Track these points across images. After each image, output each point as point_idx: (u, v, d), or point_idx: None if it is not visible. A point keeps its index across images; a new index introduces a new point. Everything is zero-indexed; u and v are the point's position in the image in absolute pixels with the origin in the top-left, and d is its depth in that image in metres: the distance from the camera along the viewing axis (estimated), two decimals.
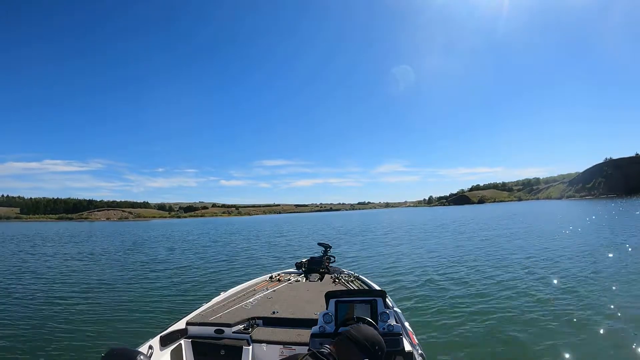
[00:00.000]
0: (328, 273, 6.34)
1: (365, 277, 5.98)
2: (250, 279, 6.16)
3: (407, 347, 3.12)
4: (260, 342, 3.74)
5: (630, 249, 14.92)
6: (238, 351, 3.71)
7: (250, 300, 4.75)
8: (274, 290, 5.27)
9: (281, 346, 3.66)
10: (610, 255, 13.80)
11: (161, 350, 3.66)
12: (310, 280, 6.07)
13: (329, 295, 3.30)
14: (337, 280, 5.78)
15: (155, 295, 10.55)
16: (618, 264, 12.23)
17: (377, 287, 4.87)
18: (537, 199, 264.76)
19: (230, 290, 5.25)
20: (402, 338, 3.06)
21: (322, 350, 2.01)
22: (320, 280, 6.02)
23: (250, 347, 3.73)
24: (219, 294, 5.05)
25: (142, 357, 2.15)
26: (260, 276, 6.36)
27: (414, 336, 3.53)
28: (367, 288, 5.18)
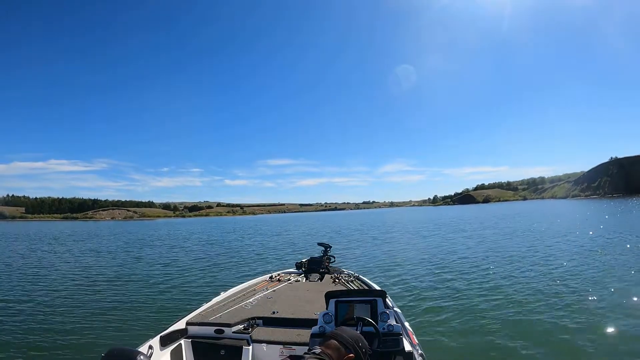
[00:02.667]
0: (328, 273, 6.34)
1: (365, 277, 5.98)
2: (250, 279, 6.17)
3: (407, 347, 3.11)
4: (260, 342, 3.74)
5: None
6: (238, 351, 3.71)
7: (250, 300, 4.75)
8: (274, 290, 5.27)
9: (281, 346, 3.65)
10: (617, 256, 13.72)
11: (161, 350, 3.66)
12: (310, 280, 6.07)
13: (329, 295, 3.32)
14: (337, 280, 5.77)
15: (155, 295, 10.57)
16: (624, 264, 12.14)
17: (377, 287, 4.87)
18: (542, 198, 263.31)
19: (230, 290, 5.25)
20: (402, 338, 3.06)
21: (315, 350, 2.05)
22: (320, 280, 6.03)
23: (250, 347, 3.73)
24: (219, 294, 5.05)
25: (142, 357, 2.15)
26: (260, 276, 6.37)
27: (414, 336, 3.52)
28: (367, 288, 5.17)
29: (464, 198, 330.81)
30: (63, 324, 7.92)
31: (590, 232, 21.86)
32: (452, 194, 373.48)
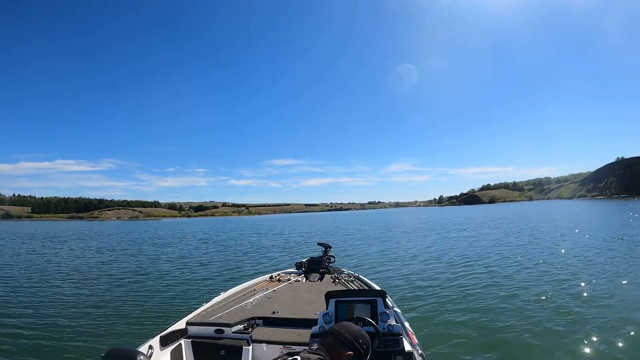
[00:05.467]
0: (328, 273, 6.33)
1: (365, 277, 5.98)
2: (250, 279, 6.17)
3: (407, 347, 3.10)
4: (260, 342, 3.74)
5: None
6: (238, 351, 3.71)
7: (250, 300, 4.75)
8: (274, 290, 5.27)
9: (281, 346, 3.65)
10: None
11: (161, 350, 3.66)
12: (310, 280, 6.06)
13: (329, 295, 3.33)
14: (337, 280, 5.76)
15: (155, 295, 10.54)
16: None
17: (377, 287, 4.86)
18: (548, 198, 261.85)
19: (230, 290, 5.24)
20: (402, 338, 3.06)
21: (313, 346, 2.09)
22: (320, 280, 6.02)
23: (250, 347, 3.73)
24: (219, 294, 5.05)
25: (142, 357, 2.15)
26: (260, 276, 6.37)
27: (414, 336, 3.51)
28: (367, 288, 5.17)
29: (469, 198, 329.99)
30: (63, 324, 7.90)
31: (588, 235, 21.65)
32: (458, 194, 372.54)
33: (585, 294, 8.72)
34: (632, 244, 16.60)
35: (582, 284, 9.64)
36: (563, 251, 15.49)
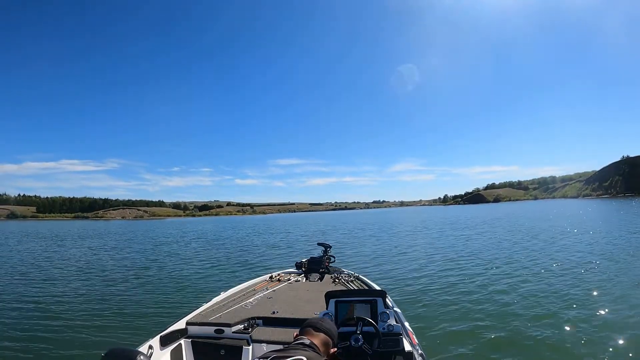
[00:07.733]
0: (328, 273, 6.32)
1: (365, 277, 5.97)
2: (250, 279, 6.16)
3: (407, 347, 3.12)
4: (260, 342, 3.73)
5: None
6: (238, 351, 3.71)
7: (250, 300, 4.74)
8: (274, 290, 5.27)
9: (281, 346, 3.62)
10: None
11: (161, 350, 3.66)
12: (310, 280, 6.05)
13: (329, 295, 3.34)
14: (337, 280, 5.76)
15: (155, 295, 10.55)
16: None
17: (377, 287, 4.86)
18: (553, 197, 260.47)
19: (230, 290, 5.24)
20: (402, 338, 3.08)
21: (304, 341, 2.08)
22: (320, 280, 6.01)
23: (250, 347, 3.72)
24: (219, 294, 5.04)
25: (142, 357, 2.16)
26: (260, 276, 6.36)
27: (414, 336, 3.51)
28: (367, 288, 5.17)
29: (474, 197, 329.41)
30: (63, 324, 7.92)
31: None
32: (463, 194, 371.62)
33: (586, 295, 8.70)
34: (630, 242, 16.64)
35: (584, 284, 9.63)
36: (564, 250, 15.51)
